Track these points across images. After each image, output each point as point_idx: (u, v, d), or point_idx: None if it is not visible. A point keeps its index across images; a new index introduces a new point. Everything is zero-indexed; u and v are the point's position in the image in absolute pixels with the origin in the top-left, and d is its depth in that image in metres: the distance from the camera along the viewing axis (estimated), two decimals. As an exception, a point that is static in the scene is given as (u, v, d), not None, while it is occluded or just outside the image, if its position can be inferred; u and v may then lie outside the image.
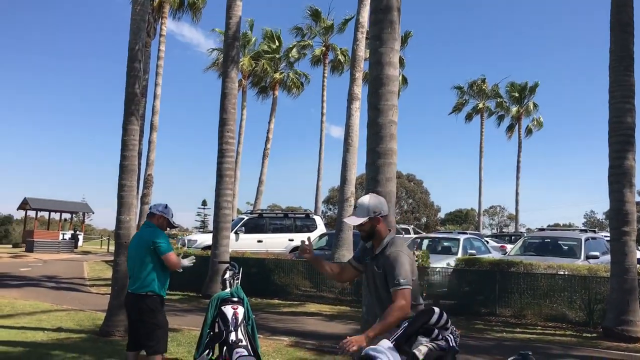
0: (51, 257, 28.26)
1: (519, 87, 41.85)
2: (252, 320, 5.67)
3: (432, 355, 2.92)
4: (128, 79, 9.24)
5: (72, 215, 42.38)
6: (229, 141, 13.92)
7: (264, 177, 33.91)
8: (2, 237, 72.88)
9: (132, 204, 9.18)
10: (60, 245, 34.20)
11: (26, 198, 36.82)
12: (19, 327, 9.06)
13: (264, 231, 20.36)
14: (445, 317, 3.03)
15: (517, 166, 41.74)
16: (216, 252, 13.52)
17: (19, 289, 14.71)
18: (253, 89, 35.81)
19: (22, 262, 24.85)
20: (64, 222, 43.57)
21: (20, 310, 10.93)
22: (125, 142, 9.08)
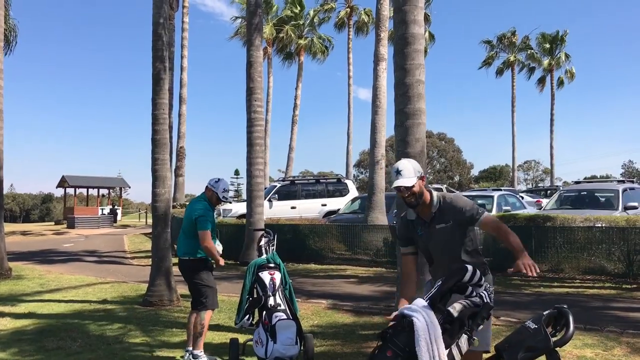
0: (92, 232, 29.07)
1: (549, 37, 40.68)
2: (289, 285, 5.78)
3: (466, 312, 2.94)
4: (154, 52, 9.29)
5: (110, 190, 43.29)
6: (257, 110, 13.95)
7: (293, 143, 34.01)
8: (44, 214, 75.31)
9: (166, 176, 9.34)
10: (100, 220, 35.08)
11: (64, 176, 37.70)
12: (67, 300, 9.43)
13: (297, 197, 20.50)
14: (478, 274, 3.04)
15: (551, 119, 40.95)
16: (251, 220, 13.72)
17: (64, 264, 15.23)
18: (278, 55, 35.66)
19: (64, 239, 25.63)
20: (102, 198, 44.59)
21: (67, 284, 11.34)
22: (156, 116, 9.19)
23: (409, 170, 3.53)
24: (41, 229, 34.13)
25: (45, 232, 30.53)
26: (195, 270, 5.68)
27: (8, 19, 16.64)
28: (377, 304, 8.67)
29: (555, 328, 2.87)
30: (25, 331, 7.33)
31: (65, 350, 6.34)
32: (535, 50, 41.32)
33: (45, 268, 14.21)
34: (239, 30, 33.22)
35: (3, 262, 12.33)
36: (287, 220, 16.93)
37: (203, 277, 5.71)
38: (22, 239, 25.64)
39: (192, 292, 5.80)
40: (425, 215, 3.62)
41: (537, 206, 17.61)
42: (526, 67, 42.16)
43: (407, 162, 3.65)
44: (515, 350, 2.80)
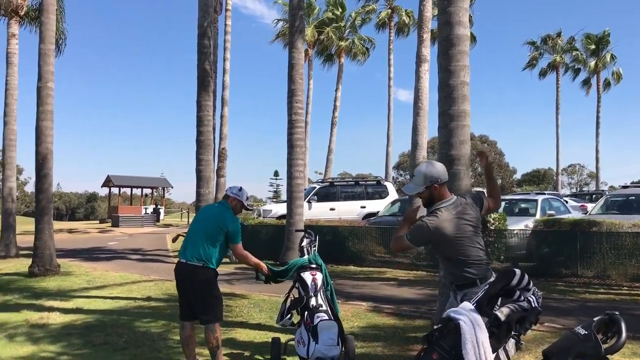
0: (135, 231, 29.72)
1: (595, 38, 39.69)
2: (330, 286, 5.80)
3: (514, 316, 2.90)
4: (199, 56, 9.47)
5: (153, 190, 44.20)
6: (298, 112, 14.02)
7: (333, 145, 34.03)
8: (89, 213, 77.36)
9: (210, 177, 9.51)
10: (143, 219, 35.83)
11: (109, 176, 38.68)
12: (113, 297, 9.67)
13: (336, 199, 20.51)
14: (526, 279, 3.00)
15: (597, 122, 39.92)
16: (291, 220, 13.80)
17: (109, 262, 15.61)
18: (318, 57, 35.78)
19: (109, 237, 26.28)
20: (145, 197, 45.57)
21: (112, 281, 11.63)
22: (200, 118, 9.37)
23: (420, 178, 3.66)
24: (86, 227, 35.09)
25: (91, 230, 31.37)
26: (207, 280, 5.20)
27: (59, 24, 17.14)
28: (418, 307, 8.61)
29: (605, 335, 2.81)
30: (73, 326, 7.56)
31: (111, 346, 6.50)
32: (581, 51, 40.35)
33: (91, 265, 14.59)
34: (281, 33, 33.46)
35: (52, 259, 12.73)
36: (326, 222, 16.96)
37: (214, 289, 5.28)
38: (69, 236, 26.39)
39: (198, 303, 5.22)
40: None
41: (582, 211, 17.19)
42: (571, 69, 41.23)
43: (425, 167, 3.72)
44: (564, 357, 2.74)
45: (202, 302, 5.21)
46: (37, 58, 12.99)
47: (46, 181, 12.89)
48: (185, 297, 5.34)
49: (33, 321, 7.78)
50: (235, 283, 11.26)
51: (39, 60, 12.95)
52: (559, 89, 40.51)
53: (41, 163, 12.81)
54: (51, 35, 13.18)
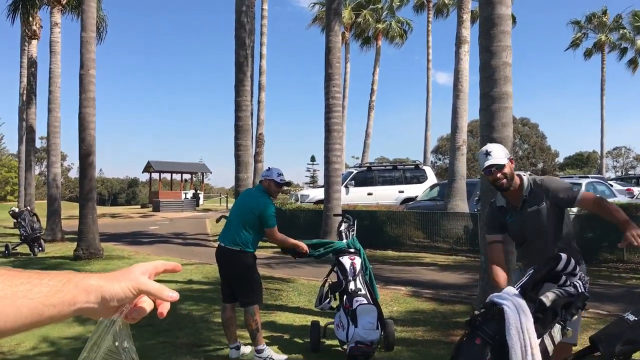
0: (176, 216, 30.23)
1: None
2: (369, 270, 5.78)
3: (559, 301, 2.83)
4: (237, 41, 9.50)
5: (192, 175, 44.83)
6: (336, 95, 13.95)
7: (370, 129, 33.82)
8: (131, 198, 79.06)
9: (248, 162, 9.58)
10: (183, 204, 36.41)
11: (150, 161, 39.37)
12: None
13: (374, 184, 20.43)
14: (572, 263, 2.92)
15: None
16: (328, 205, 13.80)
17: (150, 246, 15.93)
18: (356, 41, 35.50)
19: (150, 221, 26.81)
20: (184, 183, 46.26)
21: (154, 264, 11.84)
22: (239, 103, 9.41)
23: (499, 152, 3.49)
24: (128, 211, 35.89)
25: (132, 215, 32.07)
26: (245, 264, 5.29)
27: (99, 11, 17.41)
28: (458, 292, 8.53)
29: (657, 322, 2.73)
30: (117, 308, 7.74)
31: (154, 327, 6.64)
32: (628, 29, 38.93)
33: (133, 249, 14.92)
34: (318, 16, 33.29)
35: (96, 243, 13.05)
36: (364, 207, 16.92)
37: (253, 272, 5.36)
38: (112, 221, 27.04)
39: (238, 286, 5.33)
40: (515, 200, 3.55)
41: (629, 195, 16.69)
42: (617, 48, 39.82)
43: (496, 144, 3.62)
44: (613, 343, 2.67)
45: (242, 285, 5.30)
46: (79, 46, 13.24)
47: (89, 167, 13.20)
48: (226, 280, 5.46)
49: (79, 303, 8.00)
50: (275, 267, 11.36)
51: (81, 48, 13.19)
52: (604, 69, 39.23)
53: (84, 149, 13.11)
54: (92, 23, 13.39)
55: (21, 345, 6.05)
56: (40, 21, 21.99)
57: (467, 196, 15.39)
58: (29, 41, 22.01)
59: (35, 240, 13.86)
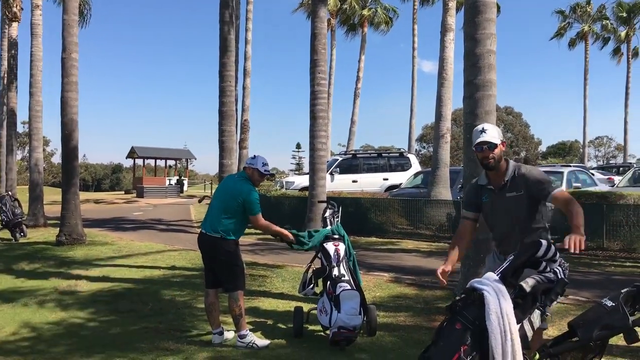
0: (160, 202, 30.07)
1: (627, 6, 38.45)
2: (353, 256, 5.81)
3: (539, 287, 2.87)
4: (221, 26, 9.41)
5: (176, 161, 44.58)
6: (321, 82, 13.89)
7: (355, 117, 33.81)
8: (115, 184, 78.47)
9: (232, 148, 9.54)
10: (167, 190, 36.22)
11: (133, 147, 39.04)
12: (138, 266, 9.83)
13: (359, 171, 20.47)
14: (553, 250, 2.96)
15: (626, 92, 39.06)
16: (313, 192, 13.79)
17: (134, 232, 15.85)
18: (341, 27, 35.38)
19: (134, 207, 26.64)
20: (169, 169, 45.98)
21: (137, 250, 11.81)
22: (223, 89, 9.34)
23: (494, 132, 3.57)
24: (112, 197, 35.62)
25: (116, 200, 31.83)
26: (228, 252, 5.26)
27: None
28: (440, 278, 8.60)
29: (634, 307, 2.77)
30: (100, 293, 7.72)
31: (137, 313, 6.64)
32: (611, 19, 39.23)
33: (117, 235, 14.83)
34: (303, 2, 33.09)
35: (78, 229, 12.95)
36: (349, 194, 16.96)
37: (236, 259, 5.35)
38: (95, 207, 26.82)
39: (222, 273, 5.32)
40: (497, 182, 3.62)
41: (609, 183, 16.89)
42: (600, 38, 40.18)
43: (492, 125, 3.71)
44: (591, 328, 2.72)
45: (225, 272, 5.30)
46: (61, 29, 13.03)
47: (72, 152, 13.05)
48: (208, 266, 5.46)
49: (62, 289, 7.97)
50: (259, 253, 11.37)
51: (63, 31, 12.98)
52: (588, 59, 39.58)
53: (66, 134, 12.96)
54: (74, 6, 13.19)
55: (2, 331, 6.01)
56: (21, 3, 21.58)
57: (450, 184, 15.49)
58: (9, 23, 21.58)
59: (17, 225, 13.73)
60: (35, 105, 17.89)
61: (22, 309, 6.98)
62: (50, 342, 5.60)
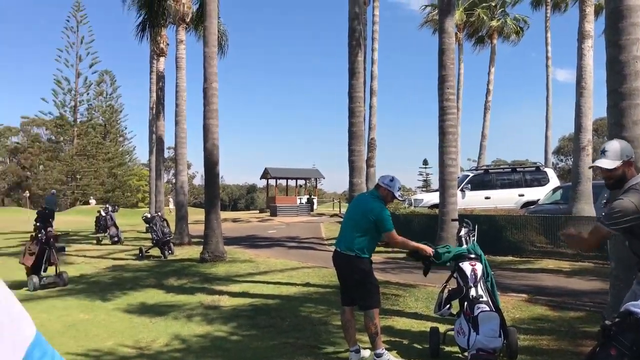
0: (291, 220, 31.05)
1: None
2: (491, 277, 5.64)
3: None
4: (350, 49, 9.63)
5: (306, 181, 45.91)
6: (450, 97, 13.68)
7: (486, 131, 32.83)
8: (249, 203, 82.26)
9: (362, 167, 9.67)
10: (298, 208, 37.36)
11: (267, 168, 40.91)
12: (275, 282, 10.23)
13: (491, 187, 19.82)
14: None
15: None
16: (444, 210, 13.55)
17: (269, 249, 16.51)
18: (469, 40, 34.67)
19: (268, 225, 27.74)
20: (299, 188, 47.45)
21: (273, 267, 12.30)
22: (352, 110, 9.53)
23: (615, 154, 3.38)
24: (247, 216, 37.38)
25: (251, 219, 33.35)
26: (362, 270, 5.32)
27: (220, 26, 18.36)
28: (584, 300, 8.06)
29: None
30: (241, 308, 8.13)
31: (276, 328, 6.91)
32: None
33: (253, 252, 15.53)
34: (430, 18, 32.90)
35: (220, 246, 13.76)
36: (481, 211, 16.45)
37: (370, 277, 5.37)
38: (233, 225, 28.27)
39: (357, 291, 5.38)
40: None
41: None
42: None
43: (617, 142, 3.53)
44: None
45: (360, 290, 5.36)
46: (202, 61, 14.05)
47: (214, 175, 13.96)
48: (344, 284, 5.55)
49: (206, 303, 8.51)
50: (390, 271, 11.36)
51: (204, 62, 13.99)
52: None
53: (208, 158, 13.88)
54: (214, 39, 14.17)
55: (156, 342, 6.53)
56: (167, 39, 23.58)
57: (593, 199, 14.50)
58: (157, 58, 23.67)
59: (166, 244, 14.85)
60: (180, 132, 19.36)
61: (173, 321, 7.54)
62: (198, 354, 5.99)
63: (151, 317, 7.76)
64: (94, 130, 65.16)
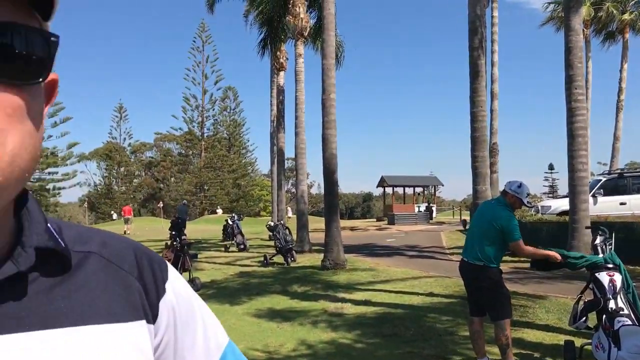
0: (410, 229, 30.73)
1: None
2: (632, 288, 5.25)
3: None
4: (470, 52, 9.43)
5: (424, 188, 45.31)
6: (579, 98, 12.93)
7: (619, 132, 30.61)
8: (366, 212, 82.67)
9: (486, 173, 9.41)
10: (416, 217, 36.91)
11: (383, 176, 40.86)
12: (397, 291, 10.19)
13: (627, 192, 18.37)
14: None
15: None
16: (575, 217, 12.80)
17: (388, 258, 16.45)
18: (597, 37, 32.59)
19: (386, 234, 27.66)
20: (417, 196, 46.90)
21: (394, 276, 12.24)
22: (474, 114, 9.31)
23: None
24: (365, 225, 37.52)
25: (369, 227, 33.43)
26: (492, 279, 5.19)
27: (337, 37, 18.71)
28: None
29: None
30: (364, 316, 8.19)
31: (400, 337, 6.88)
32: None
33: (372, 260, 15.56)
34: (552, 16, 31.36)
35: (340, 254, 13.94)
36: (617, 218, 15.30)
37: (500, 286, 5.25)
38: (351, 234, 28.51)
39: (487, 301, 5.27)
40: None
41: None
42: None
43: None
44: None
45: (490, 300, 5.24)
46: (321, 73, 14.38)
47: (333, 183, 14.21)
48: (472, 294, 5.43)
49: (330, 310, 8.66)
50: (517, 282, 10.89)
51: (322, 74, 14.32)
52: None
53: (327, 167, 14.15)
54: (331, 51, 14.46)
55: (284, 347, 6.76)
56: (286, 54, 24.42)
57: None
58: (277, 73, 24.56)
59: (288, 251, 15.29)
60: (300, 143, 19.91)
61: (299, 327, 7.75)
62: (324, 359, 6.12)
63: (278, 323, 8.03)
64: (219, 144, 68.76)
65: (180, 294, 0.79)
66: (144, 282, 0.73)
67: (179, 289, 0.79)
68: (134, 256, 0.75)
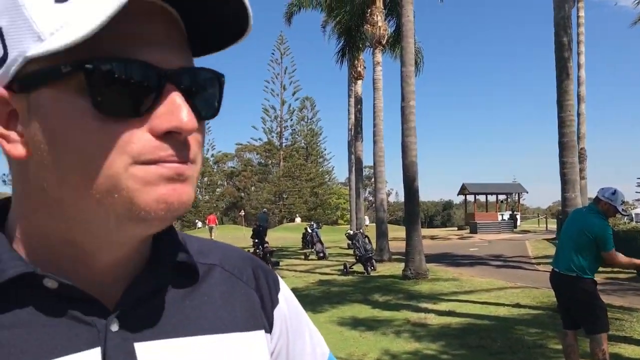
0: (494, 237, 29.87)
1: None
2: None
3: None
4: (557, 54, 9.08)
5: (507, 196, 43.94)
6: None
7: None
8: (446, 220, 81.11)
9: (575, 180, 9.01)
10: (500, 225, 35.85)
11: (464, 184, 40.02)
12: (482, 302, 9.91)
13: None
14: None
15: None
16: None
17: (471, 267, 16.05)
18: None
19: (468, 243, 27.02)
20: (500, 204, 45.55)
21: (478, 287, 11.92)
22: (562, 119, 8.95)
23: None
24: (445, 233, 36.83)
25: (450, 236, 32.78)
26: (586, 291, 4.98)
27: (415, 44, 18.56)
28: None
29: None
30: (449, 327, 8.01)
31: (487, 349, 6.68)
32: None
33: (455, 270, 15.23)
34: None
35: (422, 264, 13.73)
36: None
37: (596, 298, 5.00)
38: (431, 242, 28.05)
39: (580, 314, 5.06)
40: None
41: None
42: None
43: None
44: None
45: (584, 312, 5.02)
46: (400, 80, 14.28)
47: (414, 193, 14.05)
48: (565, 306, 5.22)
49: (413, 320, 8.53)
50: (612, 293, 10.33)
51: (402, 82, 14.21)
52: None
53: (407, 175, 14.00)
54: (410, 58, 14.34)
55: (367, 356, 6.72)
56: (364, 62, 24.46)
57: None
58: (355, 82, 24.65)
59: (368, 260, 15.22)
60: (378, 151, 19.85)
61: (382, 337, 7.68)
62: (409, 371, 6.04)
63: (361, 332, 8.00)
64: (297, 153, 69.77)
65: (291, 303, 0.83)
66: (261, 293, 0.77)
67: (289, 299, 0.83)
68: (251, 268, 0.79)
